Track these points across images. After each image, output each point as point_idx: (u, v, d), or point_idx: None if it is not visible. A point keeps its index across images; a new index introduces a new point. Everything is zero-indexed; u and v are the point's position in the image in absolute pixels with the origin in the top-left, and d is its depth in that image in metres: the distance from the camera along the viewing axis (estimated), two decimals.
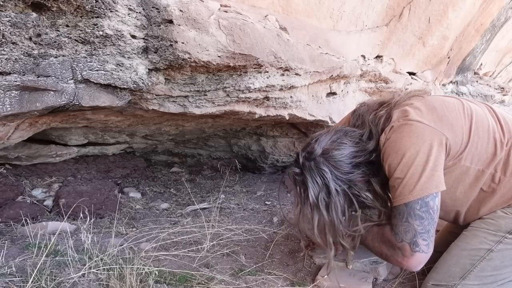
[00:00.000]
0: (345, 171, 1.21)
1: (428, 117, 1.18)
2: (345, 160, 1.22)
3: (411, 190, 1.13)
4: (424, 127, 1.16)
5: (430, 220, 1.14)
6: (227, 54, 1.57)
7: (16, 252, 1.40)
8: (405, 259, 1.17)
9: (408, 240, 1.15)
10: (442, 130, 1.17)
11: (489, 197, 1.26)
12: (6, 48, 1.19)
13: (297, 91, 2.13)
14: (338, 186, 1.21)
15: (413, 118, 1.18)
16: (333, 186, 1.20)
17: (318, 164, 1.22)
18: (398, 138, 1.17)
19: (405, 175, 1.14)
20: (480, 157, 1.22)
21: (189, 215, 2.24)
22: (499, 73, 5.79)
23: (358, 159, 1.22)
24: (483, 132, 1.22)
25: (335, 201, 1.21)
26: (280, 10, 2.02)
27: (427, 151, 1.14)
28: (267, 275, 1.49)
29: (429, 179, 1.13)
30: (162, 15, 1.42)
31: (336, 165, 1.21)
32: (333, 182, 1.20)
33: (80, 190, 2.17)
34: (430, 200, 1.13)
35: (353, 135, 1.26)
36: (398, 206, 1.17)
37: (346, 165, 1.22)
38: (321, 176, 1.21)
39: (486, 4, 3.42)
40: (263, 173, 3.35)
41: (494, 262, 1.24)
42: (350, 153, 1.22)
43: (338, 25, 2.32)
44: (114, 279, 1.20)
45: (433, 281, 1.32)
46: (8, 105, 1.26)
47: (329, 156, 1.22)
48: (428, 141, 1.14)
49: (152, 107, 1.73)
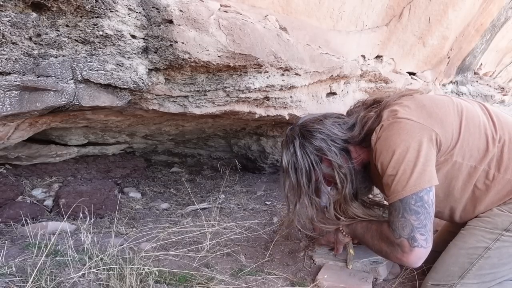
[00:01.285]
0: (314, 145, 1.33)
1: (417, 114, 1.20)
2: (317, 135, 1.33)
3: (404, 186, 1.15)
4: (413, 123, 1.18)
5: (426, 215, 1.15)
6: (227, 54, 1.57)
7: (16, 252, 1.40)
8: (405, 255, 1.17)
9: (406, 236, 1.16)
10: (432, 126, 1.18)
11: (484, 194, 1.26)
12: (6, 48, 1.18)
13: (297, 91, 2.13)
14: (305, 155, 1.34)
15: (402, 115, 1.20)
16: (300, 154, 1.34)
17: (293, 133, 1.38)
18: (388, 136, 1.19)
19: (397, 172, 1.16)
20: (472, 153, 1.22)
21: (189, 215, 2.24)
22: (499, 73, 5.79)
23: (330, 140, 1.33)
24: (474, 127, 1.23)
25: (301, 166, 1.34)
26: (280, 10, 2.02)
27: (417, 147, 1.15)
28: (267, 275, 1.49)
29: (421, 174, 1.14)
30: (162, 15, 1.42)
31: (307, 136, 1.35)
32: (300, 150, 1.34)
33: (80, 190, 2.17)
34: (424, 194, 1.14)
35: (336, 120, 1.38)
36: (394, 203, 1.18)
37: (316, 140, 1.33)
38: (292, 143, 1.36)
39: (486, 4, 3.42)
40: (263, 173, 3.35)
41: (492, 260, 1.24)
42: (325, 131, 1.34)
43: (338, 25, 2.32)
44: (114, 279, 1.20)
45: (433, 280, 1.32)
46: (8, 105, 1.26)
47: (305, 128, 1.36)
48: (418, 137, 1.16)
49: (152, 107, 1.73)
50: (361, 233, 1.40)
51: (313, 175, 1.35)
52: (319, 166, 1.34)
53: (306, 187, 1.36)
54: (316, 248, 1.73)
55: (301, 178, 1.35)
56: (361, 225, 1.42)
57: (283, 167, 1.39)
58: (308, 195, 1.37)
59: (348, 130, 1.35)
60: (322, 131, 1.34)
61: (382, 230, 1.26)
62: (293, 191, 1.40)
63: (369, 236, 1.34)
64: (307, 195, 1.37)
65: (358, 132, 1.32)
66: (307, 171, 1.34)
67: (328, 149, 1.32)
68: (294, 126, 1.42)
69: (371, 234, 1.32)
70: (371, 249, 1.36)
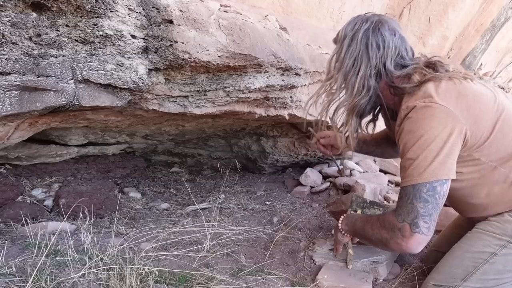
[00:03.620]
0: (373, 43, 1.28)
1: (455, 103, 1.15)
2: (381, 40, 1.28)
3: (420, 172, 1.12)
4: (448, 112, 1.14)
5: (434, 205, 1.13)
6: (227, 54, 1.57)
7: (16, 252, 1.40)
8: (405, 240, 1.16)
9: (409, 221, 1.15)
10: (466, 119, 1.14)
11: (499, 197, 1.25)
12: (6, 48, 1.18)
13: (297, 91, 2.12)
14: (361, 42, 1.30)
15: (438, 101, 1.15)
16: (360, 36, 1.30)
17: (370, 18, 1.33)
18: (419, 119, 1.16)
19: (417, 157, 1.13)
20: (498, 154, 1.20)
21: (189, 215, 2.24)
22: (499, 73, 5.79)
23: (383, 54, 1.28)
24: (509, 129, 1.20)
25: (354, 47, 1.30)
26: (280, 10, 2.02)
27: (445, 137, 1.12)
28: (267, 275, 1.49)
29: (441, 165, 1.11)
30: (162, 15, 1.42)
31: (376, 31, 1.29)
32: (363, 34, 1.30)
33: (80, 190, 2.17)
34: (438, 185, 1.12)
35: (400, 50, 1.31)
36: (405, 187, 1.17)
37: (379, 42, 1.28)
38: (362, 23, 1.32)
39: (486, 4, 3.42)
40: (263, 173, 3.35)
41: (497, 266, 1.23)
42: (390, 45, 1.28)
43: (338, 25, 2.33)
44: (114, 279, 1.20)
45: (434, 281, 1.32)
46: (8, 105, 1.26)
47: (381, 24, 1.31)
48: (449, 128, 1.12)
49: (152, 107, 1.73)
50: (360, 226, 1.39)
51: (357, 61, 1.31)
52: (360, 59, 1.30)
53: (347, 67, 1.31)
54: (316, 248, 1.73)
55: (347, 55, 1.31)
56: (360, 218, 1.42)
57: (340, 36, 1.36)
58: (345, 75, 1.32)
59: (397, 67, 1.30)
60: (388, 43, 1.29)
61: (385, 217, 1.25)
62: (335, 64, 1.36)
63: (369, 226, 1.33)
64: (343, 75, 1.33)
65: (399, 77, 1.29)
66: (356, 55, 1.30)
67: (375, 57, 1.28)
68: (377, 15, 1.36)
69: (371, 224, 1.31)
70: (370, 241, 1.35)
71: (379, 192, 2.42)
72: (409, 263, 1.67)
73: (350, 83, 1.31)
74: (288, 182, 2.98)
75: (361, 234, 1.41)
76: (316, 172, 2.87)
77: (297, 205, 2.50)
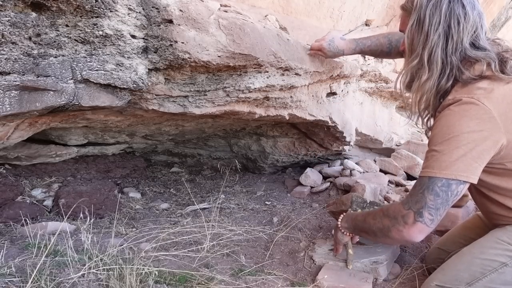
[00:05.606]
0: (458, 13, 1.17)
1: (501, 109, 1.10)
2: (463, 14, 1.17)
3: (442, 167, 1.10)
4: (490, 117, 1.09)
5: (444, 201, 1.12)
6: (227, 54, 1.57)
7: (15, 252, 1.40)
8: (406, 227, 1.16)
9: (415, 209, 1.14)
10: (506, 130, 1.10)
11: None
12: (6, 48, 1.18)
13: (297, 91, 2.12)
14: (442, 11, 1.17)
15: (485, 102, 1.09)
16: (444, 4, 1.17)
17: None
18: (459, 115, 1.11)
19: (443, 151, 1.10)
20: None
21: (189, 215, 2.24)
22: None
23: (464, 26, 1.17)
24: None
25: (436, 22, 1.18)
26: (280, 10, 2.02)
27: (479, 142, 1.08)
28: (267, 275, 1.49)
29: (465, 166, 1.09)
30: (162, 15, 1.42)
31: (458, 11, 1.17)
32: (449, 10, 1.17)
33: (80, 190, 2.17)
34: (454, 183, 1.10)
35: (476, 29, 1.19)
36: (422, 177, 1.15)
37: (461, 14, 1.17)
38: None
39: (486, 4, 3.42)
40: (263, 173, 3.35)
41: (506, 277, 1.21)
42: (469, 21, 1.17)
43: (338, 25, 2.32)
44: (114, 279, 1.20)
45: (438, 282, 1.30)
46: (8, 105, 1.25)
47: None
48: (486, 132, 1.08)
49: (152, 107, 1.73)
50: (361, 219, 1.38)
51: (443, 36, 1.18)
52: (444, 33, 1.19)
53: (433, 42, 1.19)
54: (316, 248, 1.73)
55: (431, 28, 1.19)
56: (362, 213, 1.42)
57: (416, 3, 1.22)
58: (429, 51, 1.20)
59: (472, 47, 1.19)
60: (469, 17, 1.17)
61: (390, 207, 1.24)
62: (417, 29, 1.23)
63: (371, 217, 1.32)
64: (428, 50, 1.20)
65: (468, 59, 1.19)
66: (441, 29, 1.18)
67: (456, 32, 1.17)
68: None
69: (374, 215, 1.31)
70: (371, 232, 1.33)
71: (379, 192, 2.42)
72: (409, 263, 1.67)
73: (435, 60, 1.20)
74: (288, 182, 2.98)
75: (361, 228, 1.39)
76: (316, 172, 2.87)
77: (297, 205, 2.50)
